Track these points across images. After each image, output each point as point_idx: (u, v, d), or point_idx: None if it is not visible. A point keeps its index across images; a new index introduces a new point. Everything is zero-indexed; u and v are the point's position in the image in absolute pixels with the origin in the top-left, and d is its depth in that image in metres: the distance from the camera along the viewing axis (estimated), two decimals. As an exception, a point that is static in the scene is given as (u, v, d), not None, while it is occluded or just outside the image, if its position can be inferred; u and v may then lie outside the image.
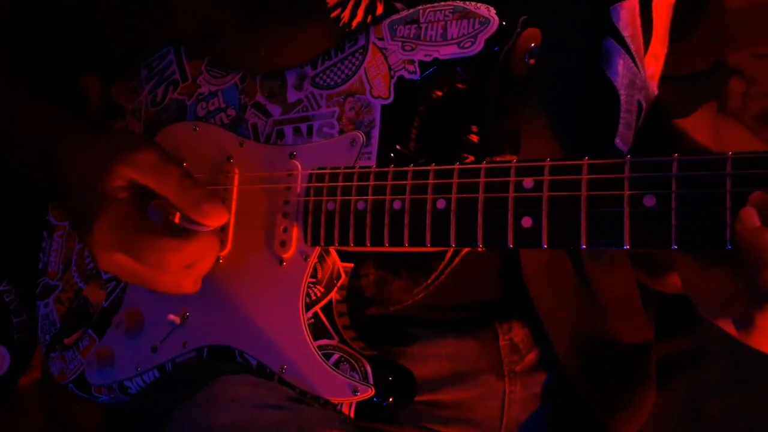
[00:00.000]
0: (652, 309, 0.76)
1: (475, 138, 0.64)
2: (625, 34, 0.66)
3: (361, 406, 0.59)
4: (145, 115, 0.78)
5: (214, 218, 0.62)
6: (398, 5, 0.64)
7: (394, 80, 0.62)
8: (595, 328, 0.70)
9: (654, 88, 0.71)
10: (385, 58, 0.63)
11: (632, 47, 0.67)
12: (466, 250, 0.64)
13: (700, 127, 0.76)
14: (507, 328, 0.72)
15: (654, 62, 0.70)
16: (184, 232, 0.62)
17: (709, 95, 0.77)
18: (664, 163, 0.47)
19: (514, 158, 0.64)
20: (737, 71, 1.93)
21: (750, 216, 0.41)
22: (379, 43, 0.64)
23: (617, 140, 0.68)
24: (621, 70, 0.66)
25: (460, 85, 0.62)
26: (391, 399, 0.59)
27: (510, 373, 0.72)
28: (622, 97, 0.66)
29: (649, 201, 0.47)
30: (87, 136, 0.68)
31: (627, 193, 0.48)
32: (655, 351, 0.72)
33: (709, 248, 0.45)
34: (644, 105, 0.70)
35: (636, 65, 0.67)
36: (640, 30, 0.67)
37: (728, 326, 0.44)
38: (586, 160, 0.50)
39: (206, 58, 0.75)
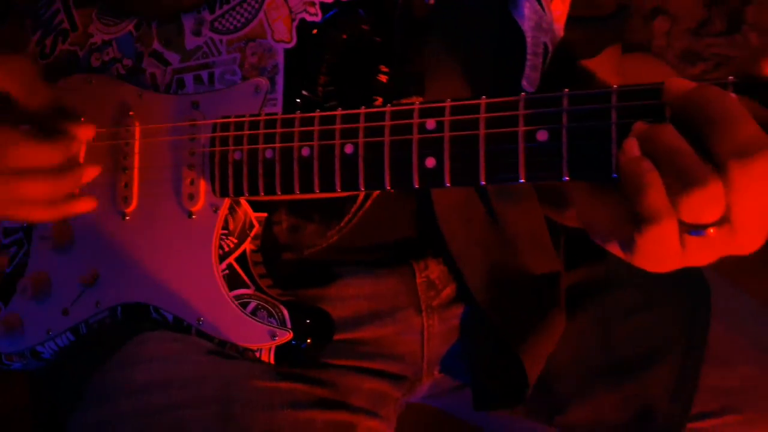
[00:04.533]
0: (562, 243, 0.80)
1: (384, 78, 0.64)
2: None
3: (279, 350, 0.60)
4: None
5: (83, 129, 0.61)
6: None
7: (295, 23, 0.61)
8: (506, 263, 0.72)
9: (560, 30, 0.72)
10: (285, 0, 0.62)
11: None
12: (376, 193, 0.65)
13: (605, 67, 0.78)
14: (423, 266, 0.74)
15: (561, 5, 0.71)
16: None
17: (614, 38, 0.79)
18: (556, 98, 0.49)
19: (419, 100, 0.65)
20: (662, 10, 1.99)
21: (631, 146, 0.44)
22: (278, -15, 0.62)
23: (524, 82, 0.69)
24: (527, 12, 0.67)
25: (364, 27, 0.62)
26: (309, 341, 0.60)
27: (428, 308, 0.74)
28: (528, 40, 0.67)
29: (542, 136, 0.49)
30: None
31: (521, 129, 0.50)
32: (564, 281, 0.76)
33: (597, 177, 0.47)
34: (550, 47, 0.71)
35: (542, 7, 0.68)
36: None
37: (616, 249, 0.47)
38: (483, 100, 0.51)
39: (97, 4, 0.70)
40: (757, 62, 0.43)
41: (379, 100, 0.64)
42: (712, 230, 0.42)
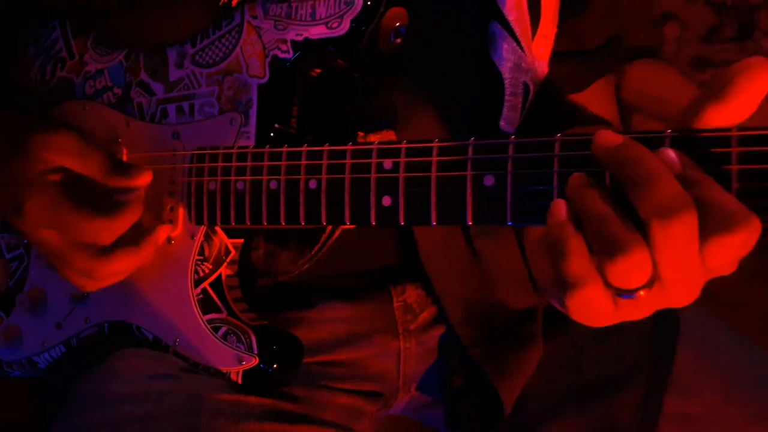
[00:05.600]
0: None
1: (357, 113, 0.66)
2: (510, 18, 0.67)
3: (247, 374, 0.63)
4: (34, 93, 0.78)
5: (140, 178, 0.65)
6: None
7: (268, 59, 0.63)
8: (487, 299, 0.73)
9: (544, 67, 0.72)
10: (260, 36, 0.64)
11: (517, 30, 0.68)
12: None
13: (596, 99, 0.78)
14: (401, 291, 0.75)
15: (544, 42, 0.71)
16: (111, 206, 0.64)
17: (604, 70, 0.79)
18: (503, 145, 0.50)
19: (392, 133, 0.66)
20: (672, 16, 1.96)
21: (557, 209, 0.44)
22: (254, 22, 0.64)
23: (502, 123, 0.70)
24: (506, 54, 0.67)
25: (340, 62, 0.63)
26: (275, 366, 0.63)
27: (405, 331, 0.76)
28: (506, 81, 0.68)
29: (489, 181, 0.50)
30: None
31: (470, 173, 0.51)
32: (540, 310, 0.77)
33: (536, 223, 0.48)
34: (531, 86, 0.71)
35: (521, 48, 0.68)
36: (526, 12, 0.68)
37: (555, 304, 0.48)
38: (436, 143, 0.53)
39: (91, 34, 0.74)
40: (697, 114, 0.44)
41: (360, 134, 0.65)
42: (642, 293, 0.42)
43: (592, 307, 0.44)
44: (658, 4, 1.92)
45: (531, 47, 0.70)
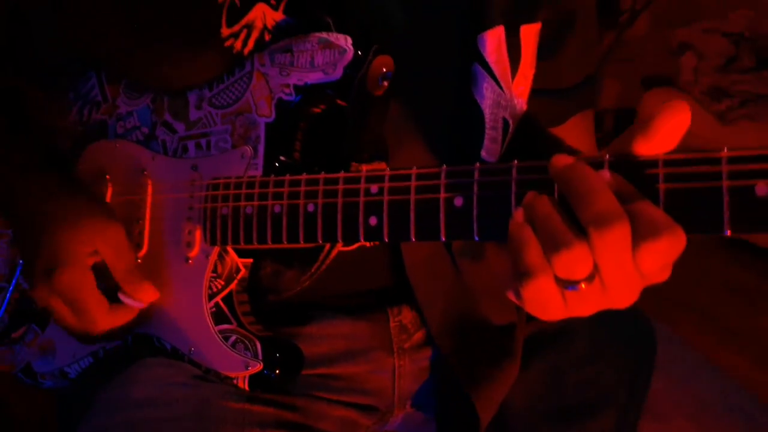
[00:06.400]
0: None
1: (352, 146, 0.75)
2: (490, 60, 0.75)
3: (252, 378, 0.70)
4: (73, 133, 0.88)
5: (148, 295, 0.74)
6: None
7: (274, 101, 0.73)
8: (467, 313, 0.80)
9: (522, 104, 0.80)
10: (267, 82, 0.73)
11: (497, 71, 0.76)
12: (339, 245, 0.75)
13: (573, 132, 0.85)
14: (397, 312, 0.82)
15: (523, 81, 0.79)
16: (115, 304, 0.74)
17: (580, 106, 0.86)
18: (470, 170, 0.58)
19: (383, 164, 0.75)
20: (689, 46, 2.01)
21: (517, 214, 0.52)
22: (262, 69, 0.74)
23: (483, 153, 0.77)
24: (486, 92, 0.75)
25: (339, 102, 0.72)
26: (277, 371, 0.70)
27: (399, 349, 0.82)
28: (487, 116, 0.76)
29: (458, 202, 0.58)
30: (57, 189, 0.77)
31: (442, 196, 0.59)
32: (520, 331, 0.83)
33: (499, 239, 0.56)
34: (510, 121, 0.79)
35: (500, 87, 0.76)
36: (506, 54, 0.76)
37: (514, 299, 0.55)
38: (414, 170, 0.61)
39: (123, 81, 0.85)
40: (629, 144, 0.51)
41: (353, 165, 0.74)
42: (583, 285, 0.50)
43: (544, 296, 0.50)
44: (675, 34, 1.96)
45: (510, 86, 0.78)
